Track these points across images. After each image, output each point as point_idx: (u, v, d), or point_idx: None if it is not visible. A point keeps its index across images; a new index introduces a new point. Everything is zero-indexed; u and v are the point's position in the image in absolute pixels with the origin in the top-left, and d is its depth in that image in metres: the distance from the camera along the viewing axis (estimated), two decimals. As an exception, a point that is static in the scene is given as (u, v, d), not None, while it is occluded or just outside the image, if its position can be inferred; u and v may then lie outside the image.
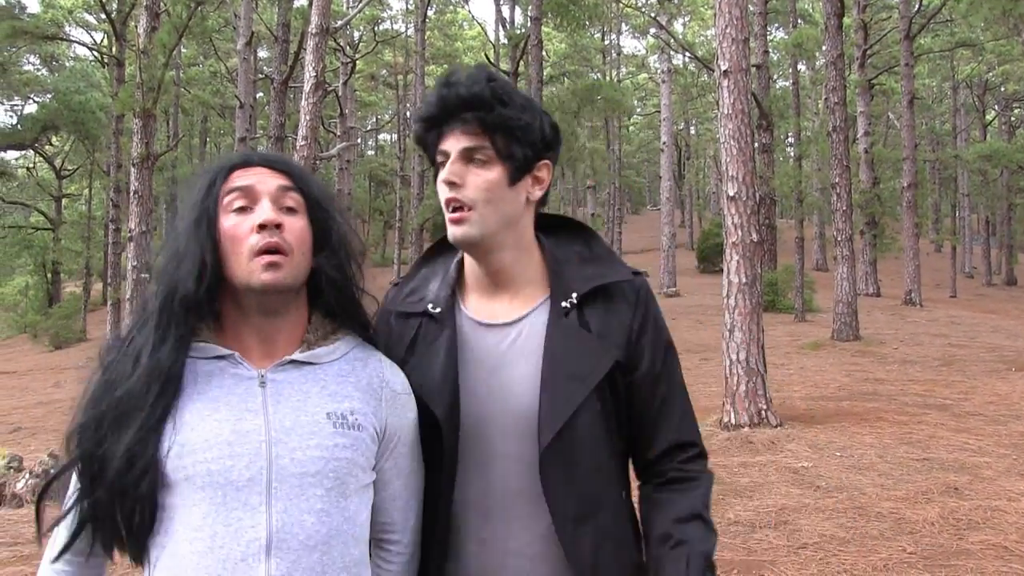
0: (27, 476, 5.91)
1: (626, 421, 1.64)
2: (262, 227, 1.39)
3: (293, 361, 1.44)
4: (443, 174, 1.55)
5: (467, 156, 1.54)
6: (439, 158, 1.58)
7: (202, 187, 1.44)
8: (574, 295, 1.59)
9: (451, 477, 1.56)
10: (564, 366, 1.55)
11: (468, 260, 1.66)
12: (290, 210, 1.44)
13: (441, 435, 1.55)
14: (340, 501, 1.39)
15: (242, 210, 1.41)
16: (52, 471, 5.98)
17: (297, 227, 1.43)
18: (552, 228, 1.72)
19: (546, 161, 1.62)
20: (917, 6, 24.75)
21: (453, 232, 1.56)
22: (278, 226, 1.40)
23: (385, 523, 1.54)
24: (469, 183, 1.53)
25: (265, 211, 1.40)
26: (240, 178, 1.44)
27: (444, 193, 1.56)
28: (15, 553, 4.85)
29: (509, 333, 1.61)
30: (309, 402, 1.41)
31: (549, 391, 1.53)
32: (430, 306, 1.64)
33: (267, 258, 1.38)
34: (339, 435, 1.40)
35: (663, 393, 1.63)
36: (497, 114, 1.52)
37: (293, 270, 1.41)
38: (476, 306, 1.65)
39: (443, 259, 1.75)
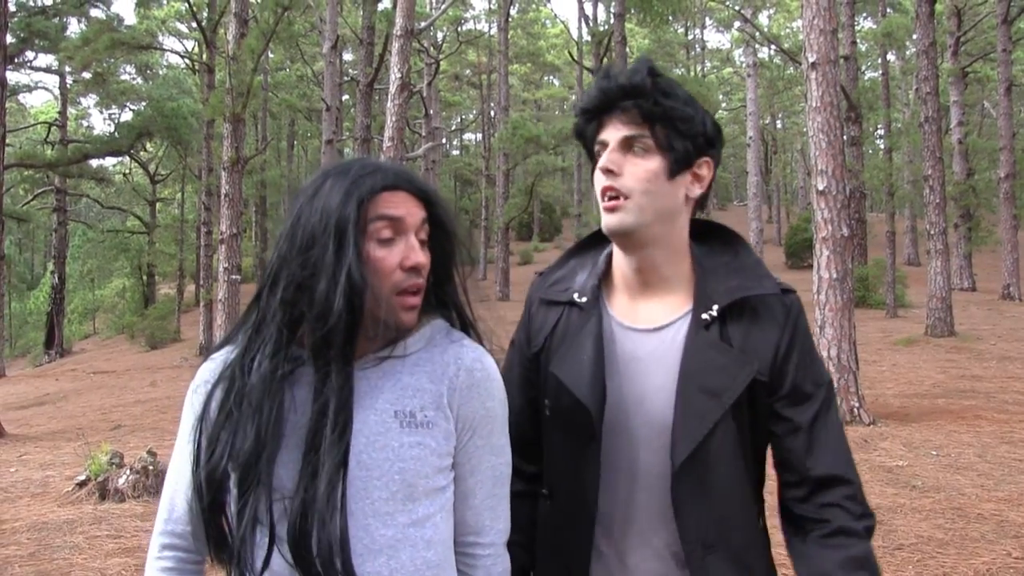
0: (128, 472, 6.12)
1: (764, 446, 1.57)
2: (413, 269, 1.38)
3: (377, 356, 1.40)
4: (601, 162, 1.52)
5: (627, 145, 1.50)
6: (597, 147, 1.55)
7: (343, 204, 1.34)
8: (715, 307, 1.53)
9: (595, 478, 1.52)
10: (700, 381, 1.48)
11: (618, 255, 1.62)
12: (422, 243, 1.41)
13: (577, 429, 1.53)
14: (407, 504, 1.35)
15: (388, 241, 1.37)
16: (150, 467, 6.21)
17: (428, 263, 1.43)
18: (703, 235, 1.65)
19: (707, 158, 1.57)
20: (1016, -11, 23.82)
21: (608, 221, 1.51)
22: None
23: (461, 524, 1.46)
24: (627, 172, 1.50)
25: (416, 252, 1.38)
26: (389, 206, 1.37)
27: (601, 182, 1.52)
28: (120, 545, 5.03)
29: (650, 340, 1.55)
30: (380, 400, 1.37)
31: (684, 406, 1.48)
32: (576, 295, 1.62)
33: (411, 300, 1.38)
34: (407, 434, 1.36)
35: (810, 422, 1.51)
36: (658, 104, 1.49)
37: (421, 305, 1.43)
38: (620, 305, 1.61)
39: (593, 252, 1.71)
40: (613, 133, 1.51)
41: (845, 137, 10.11)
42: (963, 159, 25.06)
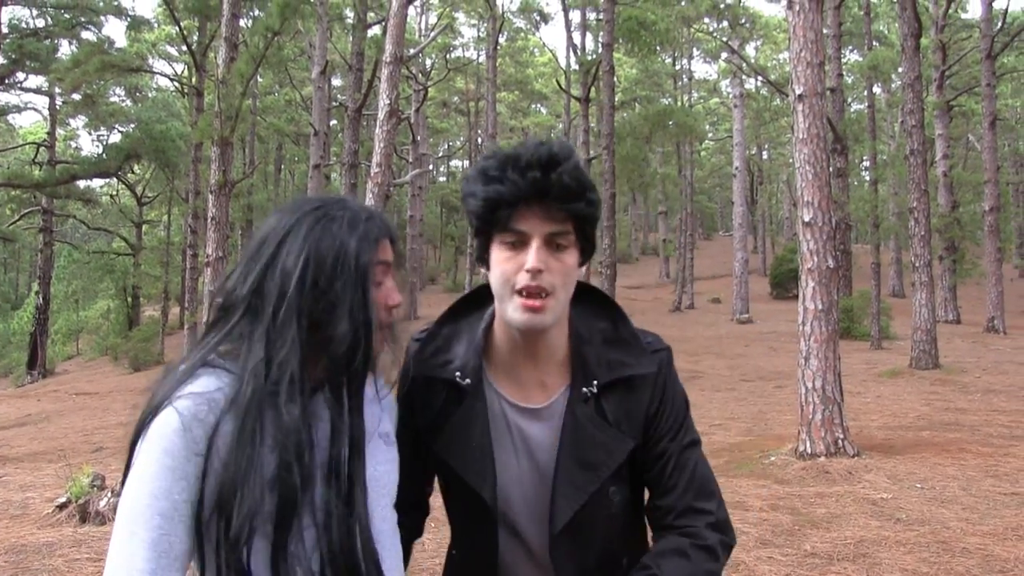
0: (109, 495, 6.05)
1: (641, 487, 1.66)
2: (395, 307, 1.49)
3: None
4: (531, 261, 1.45)
5: (549, 241, 1.47)
6: (507, 237, 1.48)
7: (364, 249, 1.43)
8: (595, 383, 1.56)
9: (493, 547, 1.60)
10: (579, 455, 1.54)
11: (504, 332, 1.58)
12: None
13: (473, 507, 1.59)
14: (393, 512, 1.52)
15: (379, 284, 1.46)
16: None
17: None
18: (576, 296, 1.61)
19: None
20: (1000, 24, 24.13)
21: (529, 320, 1.47)
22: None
23: None
24: (552, 269, 1.46)
25: (396, 292, 1.49)
26: (385, 252, 1.47)
27: (524, 280, 1.46)
28: (99, 568, 4.96)
29: (538, 417, 1.58)
30: (370, 423, 1.47)
31: (562, 479, 1.54)
32: (458, 375, 1.59)
33: (387, 336, 1.50)
34: (389, 452, 1.52)
35: (679, 460, 1.60)
36: (590, 204, 1.48)
37: None
38: (504, 381, 1.60)
39: (470, 318, 1.68)
40: (536, 227, 1.46)
41: (831, 169, 10.18)
42: (948, 192, 25.30)
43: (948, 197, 25.25)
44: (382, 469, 1.47)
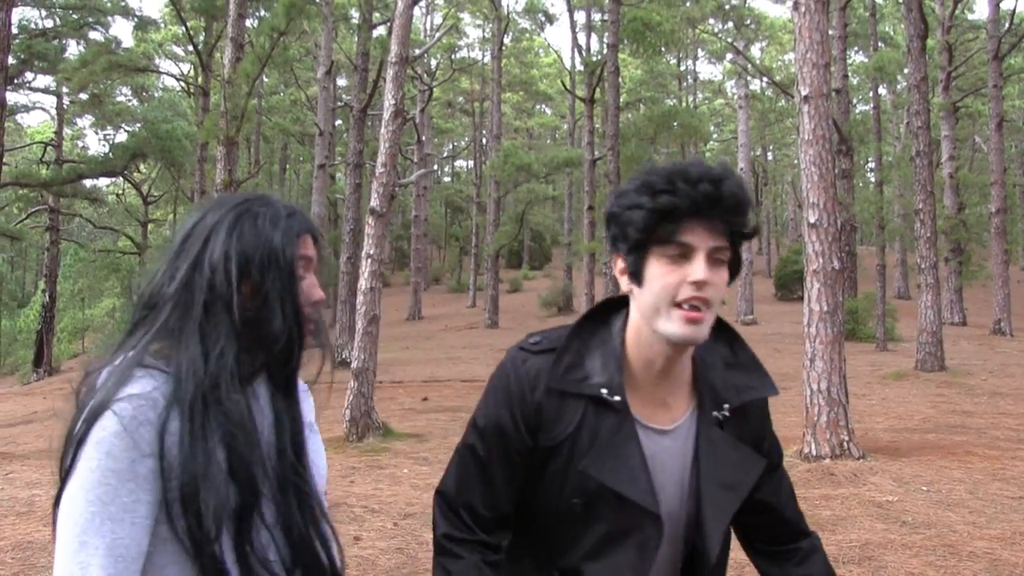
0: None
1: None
2: (318, 303, 1.53)
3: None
4: (697, 272, 1.45)
5: (711, 255, 1.47)
6: (670, 250, 1.48)
7: (287, 243, 1.47)
8: (726, 407, 1.60)
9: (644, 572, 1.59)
10: (720, 477, 1.57)
11: (639, 350, 1.58)
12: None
13: (630, 531, 1.56)
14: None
15: (301, 278, 1.50)
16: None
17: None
18: None
19: None
20: (1007, 25, 24.07)
21: (691, 332, 1.47)
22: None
23: None
24: (713, 282, 1.47)
25: (318, 288, 1.53)
26: (306, 247, 1.50)
27: (688, 291, 1.46)
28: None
29: (664, 439, 1.59)
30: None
31: (709, 502, 1.56)
32: (604, 391, 1.56)
33: (312, 330, 1.52)
34: (318, 441, 1.59)
35: (787, 487, 1.77)
36: (747, 221, 1.51)
37: None
38: (637, 401, 1.59)
39: (594, 336, 1.64)
40: (701, 240, 1.47)
41: (836, 170, 10.17)
42: (954, 193, 25.25)
43: (954, 199, 25.20)
44: (315, 457, 1.53)
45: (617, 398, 1.55)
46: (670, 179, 1.46)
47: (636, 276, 1.51)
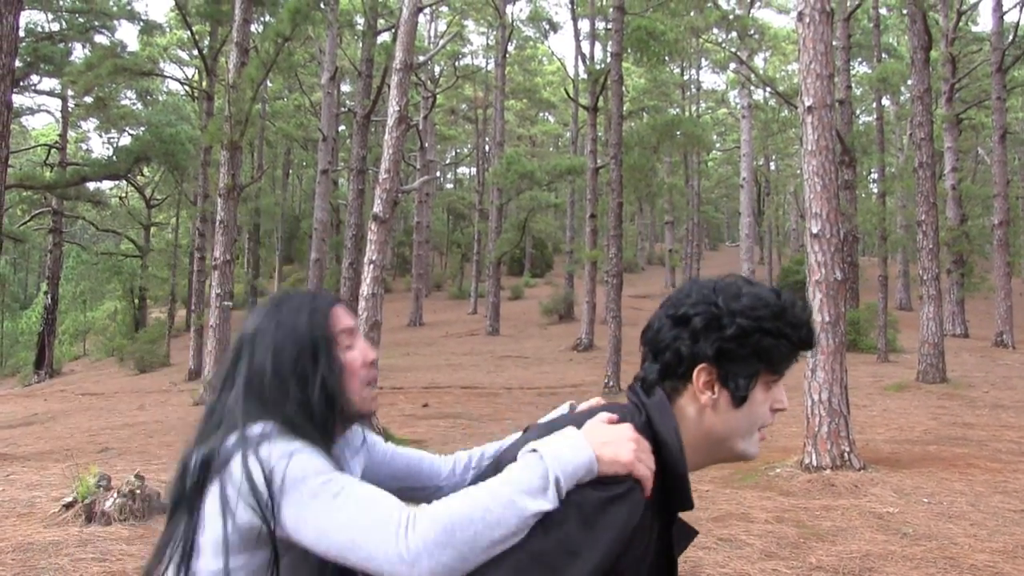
0: (115, 495, 6.05)
1: None
2: (373, 363, 1.68)
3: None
4: (784, 401, 1.54)
5: None
6: (775, 378, 1.52)
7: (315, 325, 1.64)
8: None
9: None
10: None
11: (695, 460, 1.57)
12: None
13: None
14: None
15: (349, 347, 1.65)
16: (137, 491, 6.15)
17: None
18: None
19: None
20: (1011, 37, 24.09)
21: (757, 452, 1.55)
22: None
23: None
24: None
25: (370, 348, 1.71)
26: (342, 318, 1.67)
27: (771, 416, 1.53)
28: (105, 568, 4.96)
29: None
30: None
31: None
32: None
33: (375, 391, 1.72)
34: None
35: None
36: None
37: None
38: None
39: None
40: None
41: (839, 181, 10.16)
42: (957, 205, 25.25)
43: (957, 210, 25.20)
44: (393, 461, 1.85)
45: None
46: (807, 314, 1.52)
47: (742, 399, 1.49)
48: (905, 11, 17.76)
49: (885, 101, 31.70)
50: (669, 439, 1.43)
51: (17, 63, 10.77)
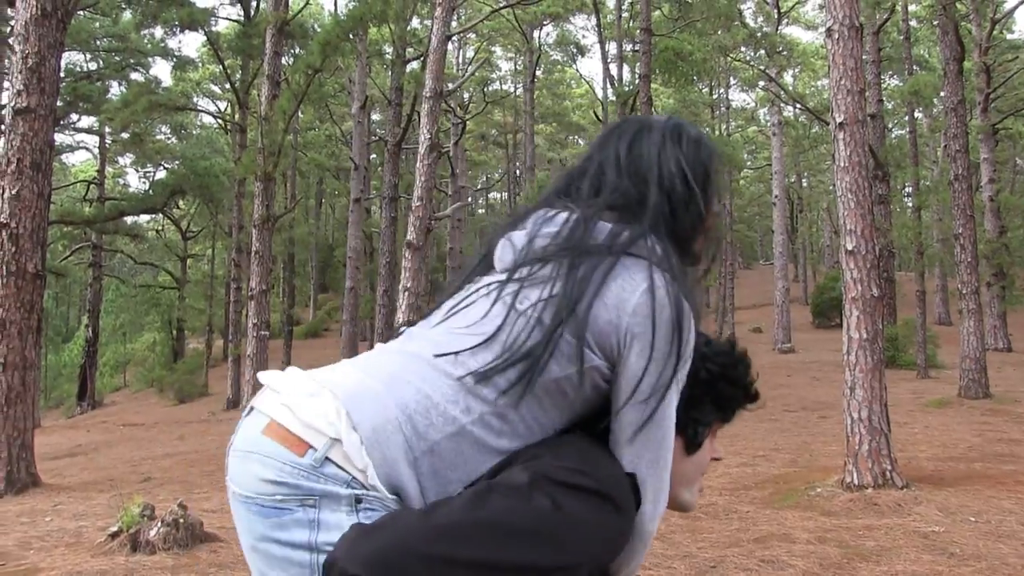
0: (159, 524, 6.12)
1: None
2: None
3: None
4: (719, 449, 1.60)
5: None
6: (719, 427, 1.60)
7: None
8: None
9: None
10: None
11: None
12: None
13: None
14: None
15: None
16: (180, 520, 6.22)
17: None
18: None
19: None
20: (1046, 46, 23.88)
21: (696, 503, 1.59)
22: None
23: None
24: None
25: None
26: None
27: (706, 468, 1.59)
28: (146, 602, 5.03)
29: None
30: None
31: None
32: None
33: None
34: None
35: None
36: None
37: None
38: None
39: None
40: None
41: (873, 196, 10.10)
42: (995, 217, 24.92)
43: (995, 222, 24.87)
44: None
45: None
46: (752, 371, 1.57)
47: (697, 446, 1.52)
48: (936, 23, 17.65)
49: (918, 114, 31.40)
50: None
51: (58, 102, 11.04)
